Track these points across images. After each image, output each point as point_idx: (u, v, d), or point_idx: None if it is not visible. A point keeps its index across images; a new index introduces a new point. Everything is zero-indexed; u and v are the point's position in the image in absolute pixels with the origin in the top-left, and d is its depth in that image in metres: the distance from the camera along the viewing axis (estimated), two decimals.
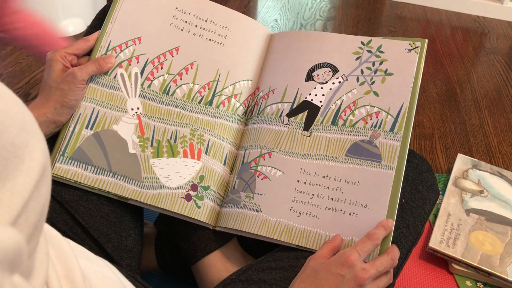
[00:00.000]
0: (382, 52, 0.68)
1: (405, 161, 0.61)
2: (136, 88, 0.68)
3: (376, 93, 0.66)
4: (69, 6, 1.73)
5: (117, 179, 0.64)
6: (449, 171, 1.22)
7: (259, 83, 0.72)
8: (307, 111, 0.67)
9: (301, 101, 0.68)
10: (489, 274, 0.89)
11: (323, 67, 0.69)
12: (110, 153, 0.65)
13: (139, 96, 0.68)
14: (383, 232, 0.57)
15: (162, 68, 0.69)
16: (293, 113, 0.67)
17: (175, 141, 0.67)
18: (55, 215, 0.61)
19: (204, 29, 0.72)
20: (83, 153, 0.64)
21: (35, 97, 1.24)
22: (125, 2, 0.70)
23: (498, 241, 0.95)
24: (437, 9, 2.26)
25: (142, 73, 0.68)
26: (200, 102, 0.69)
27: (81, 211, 0.62)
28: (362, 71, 0.68)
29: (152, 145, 0.66)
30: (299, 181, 0.63)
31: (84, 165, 0.63)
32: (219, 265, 0.66)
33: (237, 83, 0.71)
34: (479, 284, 0.91)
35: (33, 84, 1.45)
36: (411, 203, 0.65)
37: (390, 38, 0.69)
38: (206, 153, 0.67)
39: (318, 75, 0.69)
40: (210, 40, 0.71)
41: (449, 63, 1.78)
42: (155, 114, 0.67)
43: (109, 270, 0.49)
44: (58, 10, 1.70)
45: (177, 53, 0.70)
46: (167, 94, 0.68)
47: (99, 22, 0.71)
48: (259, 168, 0.66)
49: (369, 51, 0.69)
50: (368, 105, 0.65)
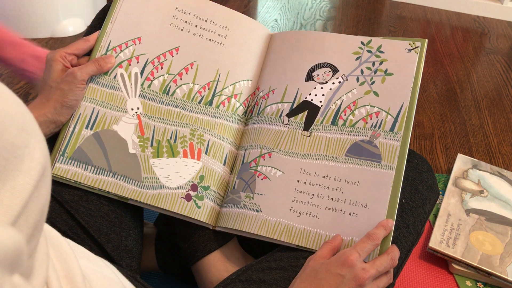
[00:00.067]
0: (382, 52, 0.68)
1: (405, 161, 0.61)
2: (136, 88, 0.68)
3: (376, 93, 0.66)
4: (69, 6, 1.73)
5: (117, 179, 0.64)
6: (449, 171, 1.22)
7: (259, 83, 0.72)
8: (307, 111, 0.67)
9: (301, 101, 0.68)
10: (489, 274, 0.89)
11: (323, 67, 0.69)
12: (110, 153, 0.65)
13: (139, 96, 0.68)
14: (383, 232, 0.57)
15: (162, 68, 0.69)
16: (293, 113, 0.67)
17: (175, 141, 0.67)
18: (55, 215, 0.61)
19: (204, 29, 0.72)
20: (83, 153, 0.64)
21: (35, 97, 1.23)
22: (125, 2, 0.70)
23: (498, 241, 0.95)
24: (437, 9, 2.26)
25: (142, 73, 0.68)
26: (200, 102, 0.69)
27: (81, 211, 0.62)
28: (362, 71, 0.68)
29: (152, 145, 0.66)
30: (299, 181, 0.63)
31: (84, 165, 0.63)
32: (219, 265, 0.66)
33: (237, 83, 0.71)
34: (479, 284, 0.91)
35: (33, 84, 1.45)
36: (411, 203, 0.65)
37: (390, 38, 0.69)
38: (206, 153, 0.67)
39: (318, 75, 0.69)
40: (210, 40, 0.71)
41: (449, 63, 1.78)
42: (155, 114, 0.67)
43: (109, 270, 0.49)
44: (58, 10, 1.70)
45: (177, 53, 0.70)
46: (167, 94, 0.68)
47: (99, 22, 0.71)
48: (259, 168, 0.66)
49: (369, 51, 0.69)
50: (368, 105, 0.65)
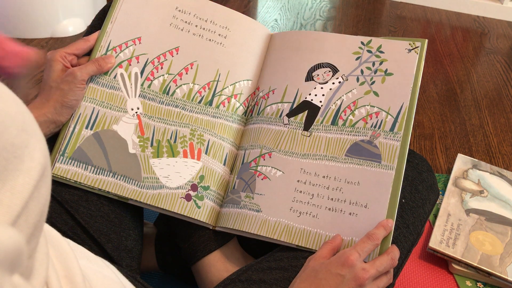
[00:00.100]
0: (382, 52, 0.68)
1: (405, 161, 0.61)
2: (136, 88, 0.68)
3: (376, 93, 0.66)
4: (69, 6, 1.73)
5: (117, 179, 0.64)
6: (449, 171, 1.22)
7: (259, 83, 0.72)
8: (307, 111, 0.67)
9: (301, 101, 0.68)
10: (489, 274, 0.89)
11: (323, 67, 0.69)
12: (110, 153, 0.65)
13: (139, 96, 0.68)
14: (383, 232, 0.57)
15: (162, 68, 0.69)
16: (293, 113, 0.67)
17: (175, 141, 0.67)
18: (55, 215, 0.61)
19: (204, 29, 0.72)
20: (83, 153, 0.64)
21: (35, 97, 1.23)
22: (125, 2, 0.70)
23: (498, 241, 0.95)
24: (437, 9, 2.26)
25: (142, 73, 0.68)
26: (200, 102, 0.69)
27: (81, 211, 0.62)
28: (362, 71, 0.68)
29: (152, 145, 0.66)
30: (299, 181, 0.63)
31: (84, 165, 0.63)
32: (219, 265, 0.66)
33: (237, 83, 0.71)
34: (479, 284, 0.91)
35: (33, 84, 1.45)
36: (411, 203, 0.65)
37: (390, 38, 0.69)
38: (206, 153, 0.67)
39: (318, 75, 0.69)
40: (210, 40, 0.71)
41: (449, 63, 1.78)
42: (155, 114, 0.67)
43: (109, 270, 0.49)
44: (58, 10, 1.70)
45: (177, 53, 0.70)
46: (167, 94, 0.68)
47: (99, 22, 0.71)
48: (259, 168, 0.66)
49: (369, 51, 0.69)
50: (368, 105, 0.65)
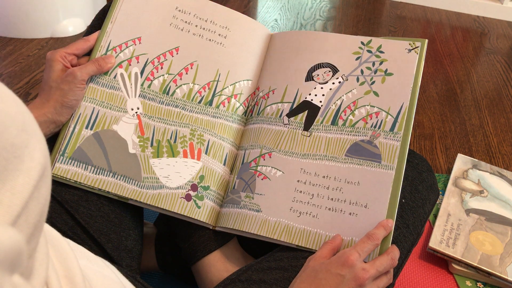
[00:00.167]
0: (382, 52, 0.68)
1: (405, 161, 0.61)
2: (136, 88, 0.68)
3: (376, 93, 0.66)
4: (69, 6, 1.73)
5: (117, 179, 0.64)
6: (449, 171, 1.22)
7: (259, 83, 0.72)
8: (307, 111, 0.67)
9: (301, 101, 0.68)
10: (489, 274, 0.89)
11: (323, 67, 0.69)
12: (110, 153, 0.65)
13: (139, 96, 0.68)
14: (383, 232, 0.57)
15: (162, 68, 0.69)
16: (293, 113, 0.67)
17: (175, 141, 0.67)
18: (55, 215, 0.61)
19: (204, 29, 0.72)
20: (83, 153, 0.64)
21: (35, 97, 1.23)
22: (125, 2, 0.70)
23: (498, 241, 0.95)
24: (437, 9, 2.26)
25: (142, 73, 0.68)
26: (200, 102, 0.69)
27: (81, 211, 0.62)
28: (362, 71, 0.68)
29: (152, 145, 0.66)
30: (299, 181, 0.63)
31: (84, 165, 0.63)
32: (219, 265, 0.66)
33: (237, 83, 0.71)
34: (479, 284, 0.91)
35: (33, 84, 1.45)
36: (411, 203, 0.65)
37: (390, 38, 0.69)
38: (206, 153, 0.67)
39: (318, 75, 0.69)
40: (210, 40, 0.71)
41: (449, 63, 1.78)
42: (155, 114, 0.67)
43: (109, 270, 0.49)
44: (58, 10, 1.71)
45: (177, 53, 0.70)
46: (167, 94, 0.68)
47: (99, 22, 0.71)
48: (259, 168, 0.66)
49: (369, 51, 0.69)
50: (368, 105, 0.65)
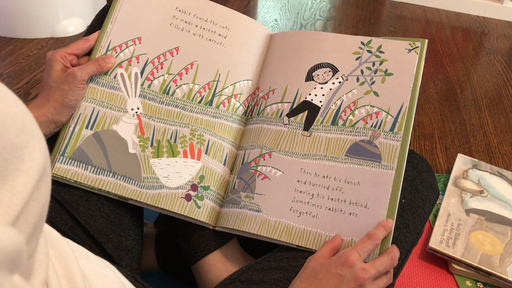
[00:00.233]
0: (382, 52, 0.68)
1: (405, 161, 0.61)
2: (136, 88, 0.68)
3: (376, 93, 0.66)
4: (69, 6, 1.73)
5: (117, 179, 0.64)
6: (449, 171, 1.22)
7: (259, 83, 0.72)
8: (307, 111, 0.67)
9: (301, 101, 0.68)
10: (489, 274, 0.89)
11: (323, 67, 0.69)
12: (110, 153, 0.65)
13: (139, 96, 0.68)
14: (383, 232, 0.57)
15: (162, 68, 0.69)
16: (293, 113, 0.67)
17: (175, 141, 0.67)
18: (55, 215, 0.61)
19: (204, 29, 0.72)
20: (83, 153, 0.64)
21: (35, 97, 1.24)
22: (125, 2, 0.70)
23: (498, 241, 0.95)
24: (437, 9, 2.26)
25: (142, 73, 0.68)
26: (200, 102, 0.69)
27: (81, 211, 0.62)
28: (362, 71, 0.68)
29: (152, 145, 0.66)
30: (299, 181, 0.63)
31: (84, 165, 0.63)
32: (219, 265, 0.66)
33: (237, 83, 0.71)
34: (479, 284, 0.91)
35: (33, 84, 1.45)
36: (411, 203, 0.65)
37: (390, 38, 0.69)
38: (206, 153, 0.67)
39: (318, 75, 0.69)
40: (210, 40, 0.71)
41: (449, 63, 1.78)
42: (155, 114, 0.67)
43: (108, 270, 0.49)
44: (58, 10, 1.71)
45: (177, 53, 0.70)
46: (167, 94, 0.68)
47: (99, 22, 0.71)
48: (259, 168, 0.66)
49: (369, 51, 0.69)
50: (368, 105, 0.65)
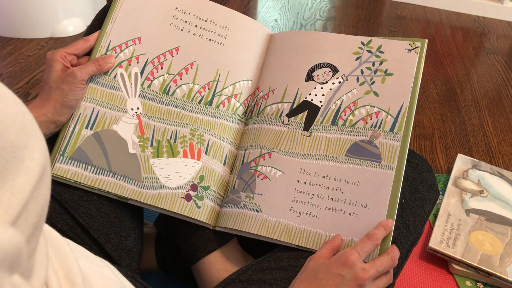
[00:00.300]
0: (382, 52, 0.68)
1: (405, 161, 0.61)
2: (136, 88, 0.68)
3: (376, 93, 0.66)
4: (69, 6, 1.73)
5: (117, 179, 0.64)
6: (449, 171, 1.22)
7: (259, 83, 0.72)
8: (307, 111, 0.67)
9: (301, 101, 0.68)
10: (489, 274, 0.89)
11: (323, 67, 0.69)
12: (110, 153, 0.65)
13: (139, 96, 0.68)
14: (383, 232, 0.57)
15: (162, 68, 0.69)
16: (293, 113, 0.67)
17: (175, 141, 0.67)
18: (55, 215, 0.61)
19: (204, 29, 0.72)
20: (83, 153, 0.64)
21: (35, 97, 1.24)
22: (125, 2, 0.70)
23: (498, 241, 0.95)
24: (437, 9, 2.26)
25: (142, 73, 0.68)
26: (200, 102, 0.69)
27: (81, 211, 0.62)
28: (362, 71, 0.68)
29: (152, 145, 0.66)
30: (299, 181, 0.63)
31: (84, 165, 0.63)
32: (219, 265, 0.66)
33: (237, 83, 0.71)
34: (479, 284, 0.91)
35: (33, 84, 1.45)
36: (411, 203, 0.65)
37: (390, 38, 0.69)
38: (206, 153, 0.67)
39: (318, 75, 0.69)
40: (210, 40, 0.71)
41: (449, 63, 1.78)
42: (155, 114, 0.67)
43: (108, 270, 0.49)
44: (58, 10, 1.71)
45: (177, 53, 0.70)
46: (167, 94, 0.68)
47: (99, 22, 0.71)
48: (259, 168, 0.66)
49: (369, 51, 0.69)
50: (368, 105, 0.65)
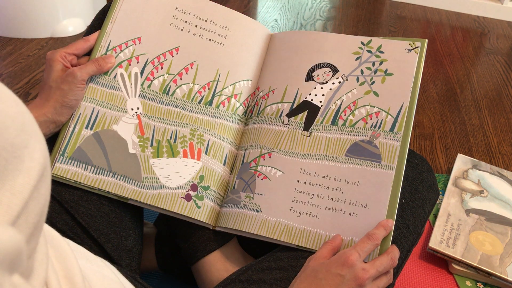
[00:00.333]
0: (382, 52, 0.68)
1: (405, 161, 0.61)
2: (136, 88, 0.68)
3: (376, 93, 0.66)
4: (69, 6, 1.73)
5: (117, 179, 0.64)
6: (449, 171, 1.22)
7: (259, 83, 0.72)
8: (307, 111, 0.67)
9: (301, 101, 0.68)
10: (489, 274, 0.89)
11: (323, 67, 0.69)
12: (110, 153, 0.65)
13: (139, 96, 0.68)
14: (383, 232, 0.57)
15: (162, 68, 0.69)
16: (293, 113, 0.67)
17: (175, 141, 0.67)
18: (55, 215, 0.61)
19: (204, 29, 0.72)
20: (83, 153, 0.64)
21: (35, 97, 1.24)
22: (125, 2, 0.70)
23: (498, 241, 0.95)
24: (437, 9, 2.26)
25: (142, 73, 0.68)
26: (200, 102, 0.69)
27: (81, 211, 0.62)
28: (362, 71, 0.68)
29: (152, 145, 0.66)
30: (299, 181, 0.63)
31: (84, 165, 0.63)
32: (219, 265, 0.66)
33: (237, 83, 0.71)
34: (479, 284, 0.91)
35: (33, 84, 1.45)
36: (411, 203, 0.65)
37: (390, 38, 0.69)
38: (206, 153, 0.67)
39: (318, 75, 0.69)
40: (210, 40, 0.71)
41: (449, 63, 1.78)
42: (155, 114, 0.67)
43: (108, 270, 0.49)
44: (58, 10, 1.71)
45: (177, 53, 0.70)
46: (167, 94, 0.68)
47: (99, 22, 0.71)
48: (259, 168, 0.66)
49: (369, 51, 0.69)
50: (368, 105, 0.65)
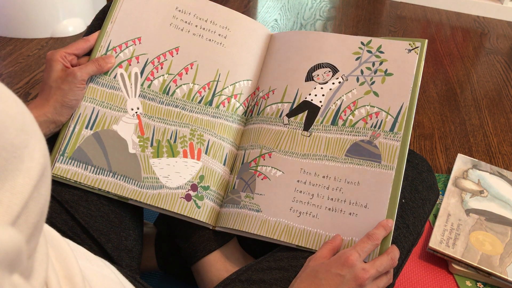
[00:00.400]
0: (382, 52, 0.68)
1: (405, 161, 0.61)
2: (136, 88, 0.68)
3: (376, 93, 0.66)
4: (69, 6, 1.73)
5: (117, 179, 0.64)
6: (449, 171, 1.22)
7: (259, 83, 0.72)
8: (307, 111, 0.67)
9: (301, 101, 0.68)
10: (489, 274, 0.89)
11: (323, 67, 0.69)
12: (110, 153, 0.65)
13: (139, 96, 0.68)
14: (383, 232, 0.57)
15: (162, 68, 0.69)
16: (293, 113, 0.67)
17: (175, 141, 0.67)
18: (55, 215, 0.61)
19: (204, 29, 0.72)
20: (83, 153, 0.64)
21: (35, 97, 1.24)
22: (125, 2, 0.70)
23: (498, 241, 0.95)
24: (437, 9, 2.26)
25: (142, 73, 0.68)
26: (200, 102, 0.69)
27: (81, 211, 0.62)
28: (362, 71, 0.68)
29: (152, 145, 0.66)
30: (299, 181, 0.63)
31: (84, 165, 0.63)
32: (219, 265, 0.66)
33: (237, 83, 0.71)
34: (479, 284, 0.91)
35: (33, 84, 1.45)
36: (411, 203, 0.65)
37: (390, 38, 0.69)
38: (206, 153, 0.67)
39: (318, 75, 0.69)
40: (210, 40, 0.71)
41: (449, 63, 1.78)
42: (155, 114, 0.67)
43: (108, 270, 0.49)
44: (58, 10, 1.71)
45: (177, 53, 0.70)
46: (167, 94, 0.68)
47: (99, 22, 0.71)
48: (259, 168, 0.66)
49: (369, 51, 0.69)
50: (368, 105, 0.65)
